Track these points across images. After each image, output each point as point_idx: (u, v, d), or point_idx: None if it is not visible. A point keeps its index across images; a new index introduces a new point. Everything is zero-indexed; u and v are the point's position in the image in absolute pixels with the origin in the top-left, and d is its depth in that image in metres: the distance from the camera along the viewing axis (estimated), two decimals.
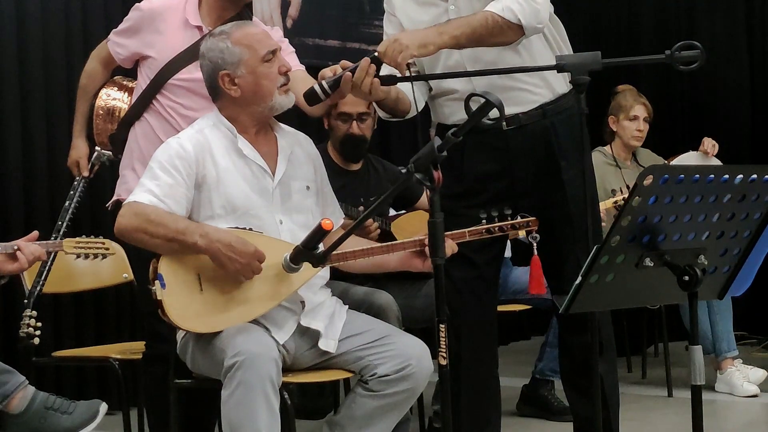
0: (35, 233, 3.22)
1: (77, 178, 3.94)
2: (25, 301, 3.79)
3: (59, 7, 5.18)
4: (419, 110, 3.24)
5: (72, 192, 3.93)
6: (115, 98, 3.86)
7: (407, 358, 3.16)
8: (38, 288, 3.82)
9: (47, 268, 3.82)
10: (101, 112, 3.85)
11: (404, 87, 3.25)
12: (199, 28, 3.63)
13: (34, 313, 3.69)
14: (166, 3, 3.67)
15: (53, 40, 5.16)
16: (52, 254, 3.72)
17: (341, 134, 4.32)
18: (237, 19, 3.61)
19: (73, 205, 3.91)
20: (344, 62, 3.10)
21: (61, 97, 5.09)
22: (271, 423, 2.96)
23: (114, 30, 3.81)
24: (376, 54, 3.03)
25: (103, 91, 3.87)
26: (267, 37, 3.29)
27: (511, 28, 3.08)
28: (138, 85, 3.75)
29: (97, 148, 3.91)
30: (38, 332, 3.65)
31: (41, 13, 5.12)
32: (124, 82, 3.90)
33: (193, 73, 3.57)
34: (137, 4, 3.75)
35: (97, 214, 4.98)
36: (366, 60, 3.03)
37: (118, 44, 3.77)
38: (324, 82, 3.07)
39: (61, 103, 5.07)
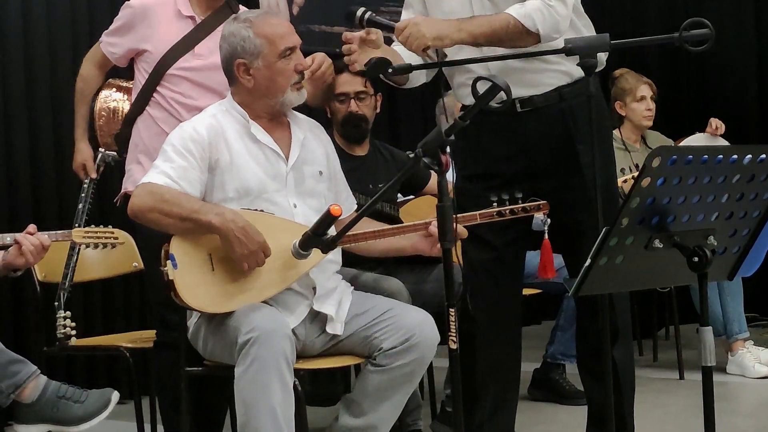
0: (32, 226, 3.22)
1: (85, 180, 3.96)
2: (56, 303, 3.85)
3: (65, 2, 5.18)
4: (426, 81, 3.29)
5: (83, 195, 3.96)
6: (115, 99, 3.89)
7: (410, 329, 3.17)
8: (66, 288, 3.88)
9: (72, 267, 3.88)
10: (104, 113, 3.87)
11: (402, 53, 3.24)
12: (192, 18, 3.67)
13: (68, 313, 3.79)
14: None
15: (59, 36, 5.16)
16: (76, 252, 3.84)
17: (342, 115, 4.32)
18: (225, 7, 3.66)
19: (86, 207, 3.94)
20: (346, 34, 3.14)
21: (68, 93, 5.05)
22: (286, 400, 2.96)
23: (105, 31, 3.83)
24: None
25: (103, 93, 3.89)
26: (289, 33, 3.30)
27: (529, 35, 3.09)
28: (136, 80, 3.77)
29: (100, 149, 3.93)
30: (74, 332, 3.77)
31: (47, 8, 5.12)
32: (122, 84, 3.93)
33: (190, 61, 3.61)
34: (127, 2, 3.76)
35: (106, 214, 4.96)
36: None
37: (111, 44, 3.78)
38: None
39: (68, 100, 5.03)
